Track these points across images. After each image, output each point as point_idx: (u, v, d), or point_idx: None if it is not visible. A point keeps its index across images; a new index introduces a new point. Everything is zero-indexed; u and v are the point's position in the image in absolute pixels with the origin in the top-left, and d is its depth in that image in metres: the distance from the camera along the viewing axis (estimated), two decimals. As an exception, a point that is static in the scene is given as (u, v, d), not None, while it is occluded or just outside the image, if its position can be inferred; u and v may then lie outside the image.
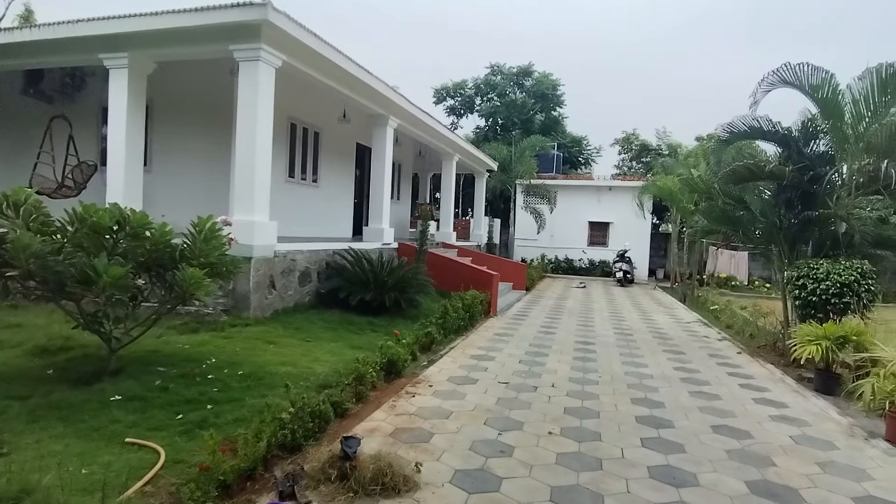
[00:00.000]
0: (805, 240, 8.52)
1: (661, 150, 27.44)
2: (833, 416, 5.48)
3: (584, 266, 23.11)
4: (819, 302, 7.14)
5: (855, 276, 6.99)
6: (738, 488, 3.78)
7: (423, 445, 4.18)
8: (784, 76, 8.08)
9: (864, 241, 7.83)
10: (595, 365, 7.15)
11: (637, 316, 12.13)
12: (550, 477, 3.77)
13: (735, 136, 9.08)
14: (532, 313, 11.60)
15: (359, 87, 9.88)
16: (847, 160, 7.93)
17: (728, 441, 4.64)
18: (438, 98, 33.63)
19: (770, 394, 6.21)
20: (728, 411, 5.47)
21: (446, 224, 16.97)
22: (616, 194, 22.75)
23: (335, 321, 8.20)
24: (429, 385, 5.79)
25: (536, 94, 31.20)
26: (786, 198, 8.63)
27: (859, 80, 7.65)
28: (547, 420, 4.92)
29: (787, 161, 8.54)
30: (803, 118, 8.71)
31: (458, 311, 8.79)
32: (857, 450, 4.63)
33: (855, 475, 4.09)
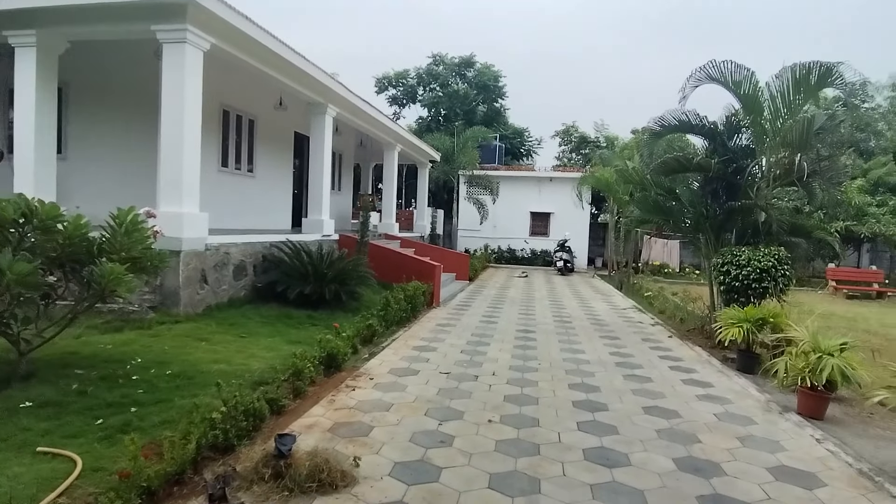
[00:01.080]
0: (729, 228, 9.00)
1: (599, 143, 28.28)
2: (752, 394, 5.85)
3: (526, 256, 23.56)
4: (741, 287, 7.58)
5: (772, 262, 7.46)
6: (667, 465, 3.95)
7: (363, 439, 4.12)
8: (710, 73, 8.47)
9: (781, 229, 8.36)
10: (535, 353, 7.29)
11: (576, 304, 12.49)
12: (489, 464, 3.80)
13: (666, 130, 9.47)
14: (475, 303, 11.71)
15: (295, 74, 9.56)
16: (766, 153, 8.43)
17: (658, 421, 4.85)
18: (380, 87, 33.22)
19: (697, 374, 6.55)
20: (659, 393, 5.72)
21: (389, 215, 16.82)
22: (556, 185, 23.30)
23: (272, 316, 7.95)
24: (369, 378, 5.72)
25: (479, 86, 31.39)
26: (712, 189, 9.08)
27: (776, 79, 8.13)
28: (487, 408, 4.96)
29: (713, 154, 9.00)
30: (727, 113, 9.18)
31: (401, 303, 8.74)
32: (773, 424, 4.95)
33: (770, 447, 4.38)
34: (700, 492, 3.57)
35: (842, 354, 5.09)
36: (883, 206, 19.78)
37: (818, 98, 16.02)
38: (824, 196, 9.11)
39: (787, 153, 8.17)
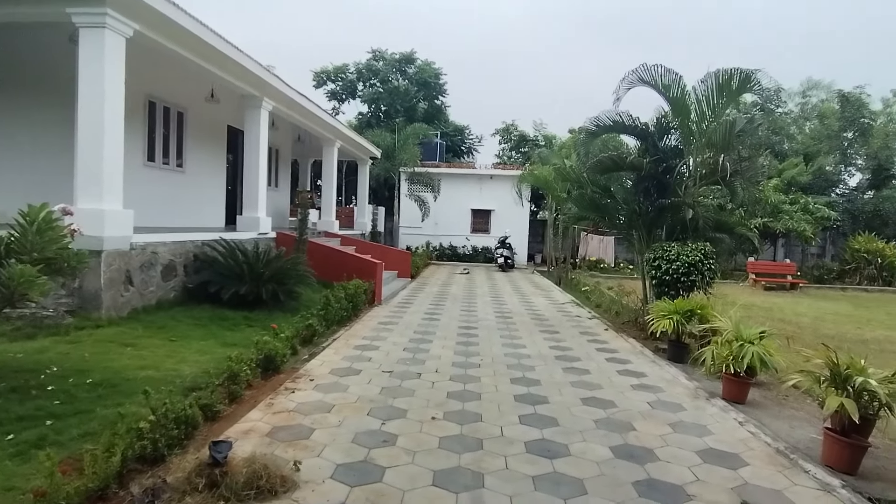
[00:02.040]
0: (660, 225, 9.43)
1: (538, 141, 28.92)
2: (682, 382, 6.16)
3: (467, 253, 23.77)
4: (671, 280, 7.96)
5: (699, 256, 7.89)
6: (604, 454, 4.09)
7: (303, 442, 4.01)
8: (642, 76, 8.82)
9: (707, 225, 8.85)
10: (477, 348, 7.35)
11: (517, 299, 12.72)
12: (433, 461, 3.79)
13: (601, 130, 9.80)
14: (417, 300, 11.68)
15: (228, 65, 9.15)
16: (693, 154, 8.88)
17: (596, 411, 5.01)
18: (319, 82, 32.48)
19: (632, 365, 6.82)
20: (596, 384, 5.91)
21: (328, 212, 16.48)
22: (497, 183, 23.63)
23: (205, 318, 7.59)
24: (310, 379, 5.57)
25: (419, 82, 31.31)
26: (644, 187, 9.48)
27: (702, 83, 8.58)
28: (430, 406, 4.95)
29: (644, 153, 9.40)
30: (658, 115, 9.61)
31: (341, 302, 8.58)
32: (701, 409, 5.24)
33: (698, 432, 4.62)
34: (635, 477, 3.72)
35: (760, 342, 5.45)
36: (795, 203, 21.37)
37: (739, 102, 17.08)
38: (745, 194, 9.71)
39: (711, 154, 8.64)
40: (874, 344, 8.78)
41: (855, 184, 25.95)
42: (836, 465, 3.95)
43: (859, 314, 12.76)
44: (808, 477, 3.84)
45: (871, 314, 12.83)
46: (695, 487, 3.62)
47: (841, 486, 3.68)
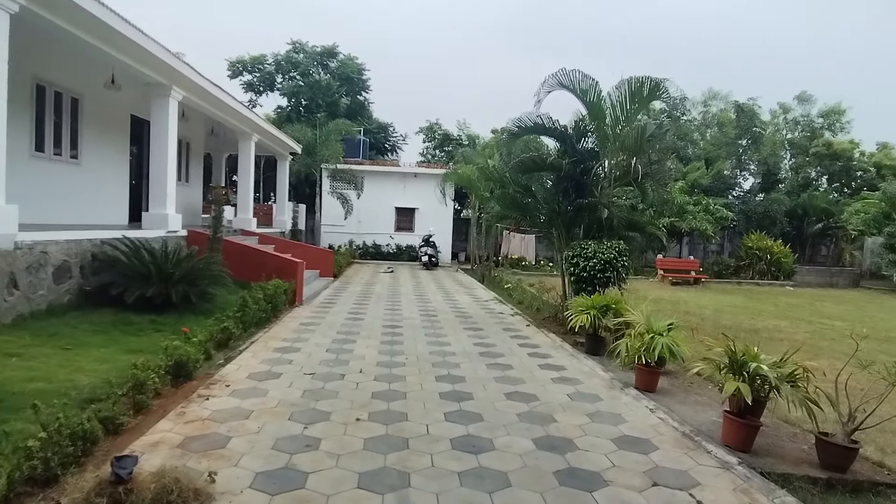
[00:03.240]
0: (578, 224, 9.82)
1: (462, 141, 29.27)
2: (599, 373, 6.45)
3: (391, 251, 23.61)
4: (588, 277, 8.32)
5: (614, 254, 8.30)
6: (527, 446, 4.19)
7: (219, 452, 3.79)
8: (561, 80, 9.14)
9: (621, 224, 9.34)
10: (402, 347, 7.31)
11: (441, 297, 12.80)
12: (358, 464, 3.71)
13: (523, 131, 10.05)
14: (340, 300, 11.43)
15: (129, 49, 8.45)
16: (608, 156, 9.33)
17: (519, 405, 5.13)
18: (234, 72, 30.96)
19: (552, 359, 7.06)
20: (519, 379, 6.05)
21: (245, 209, 15.74)
22: (421, 181, 23.65)
23: (106, 323, 6.99)
24: (226, 385, 5.28)
25: (342, 77, 30.68)
26: (563, 187, 9.84)
27: (616, 89, 9.02)
28: (355, 407, 4.85)
29: (564, 155, 9.75)
30: (576, 118, 10.00)
31: (260, 303, 8.21)
32: (616, 399, 5.51)
33: (614, 420, 4.86)
34: (557, 467, 3.84)
35: (669, 334, 5.81)
36: (697, 204, 23.10)
37: (649, 109, 18.16)
38: (654, 195, 10.34)
39: (625, 156, 9.13)
40: (765, 332, 9.67)
41: (748, 187, 28.49)
42: (733, 445, 4.29)
43: (752, 306, 14.01)
44: (710, 457, 4.14)
45: (761, 306, 14.12)
46: (611, 473, 3.80)
47: (738, 464, 4.00)
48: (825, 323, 11.39)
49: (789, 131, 27.98)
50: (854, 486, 3.81)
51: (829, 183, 27.58)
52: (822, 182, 27.68)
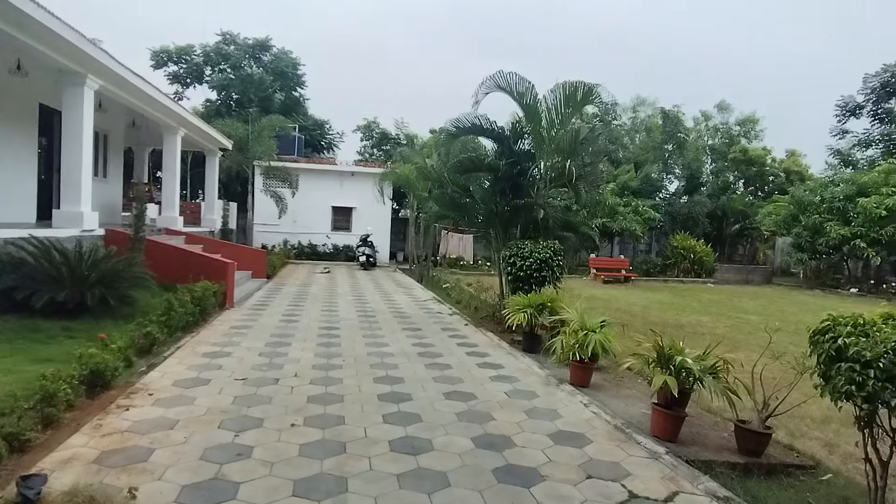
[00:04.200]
0: (515, 224, 9.99)
1: (400, 140, 29.09)
2: (536, 371, 6.58)
3: (328, 251, 23.11)
4: (525, 276, 8.47)
5: (549, 253, 8.49)
6: (466, 445, 4.20)
7: (141, 466, 3.54)
8: (499, 82, 9.26)
9: (556, 225, 9.59)
10: (339, 349, 7.15)
11: (379, 298, 12.65)
12: (293, 471, 3.58)
13: (461, 132, 10.12)
14: (274, 302, 11.05)
15: (37, 32, 7.75)
16: (544, 158, 9.55)
17: (457, 405, 5.14)
18: (158, 62, 29.26)
19: (490, 358, 7.13)
20: (457, 378, 6.07)
21: (170, 207, 14.88)
22: (358, 180, 23.30)
23: (10, 330, 6.40)
24: (148, 394, 4.95)
25: (276, 72, 29.69)
26: (501, 188, 9.98)
27: (551, 93, 9.25)
28: (289, 412, 4.69)
29: (501, 156, 9.89)
30: (513, 120, 10.19)
31: (187, 306, 7.78)
32: (552, 395, 5.64)
33: (550, 416, 4.97)
34: (495, 465, 3.88)
35: (601, 331, 6.02)
36: (627, 206, 24.14)
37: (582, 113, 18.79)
38: (587, 197, 10.70)
39: (559, 159, 9.37)
40: (689, 327, 10.23)
41: (673, 189, 30.08)
42: (661, 435, 4.48)
43: (677, 302, 14.80)
44: (641, 448, 4.31)
45: (686, 302, 14.94)
46: (548, 468, 3.87)
47: (665, 453, 4.18)
48: (742, 317, 12.19)
49: (710, 138, 29.79)
50: (768, 469, 4.08)
51: (745, 186, 29.57)
52: (740, 186, 29.63)
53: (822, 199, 20.72)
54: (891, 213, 18.46)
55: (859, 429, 3.13)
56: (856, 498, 3.61)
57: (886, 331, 2.88)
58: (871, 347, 2.84)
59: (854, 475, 3.96)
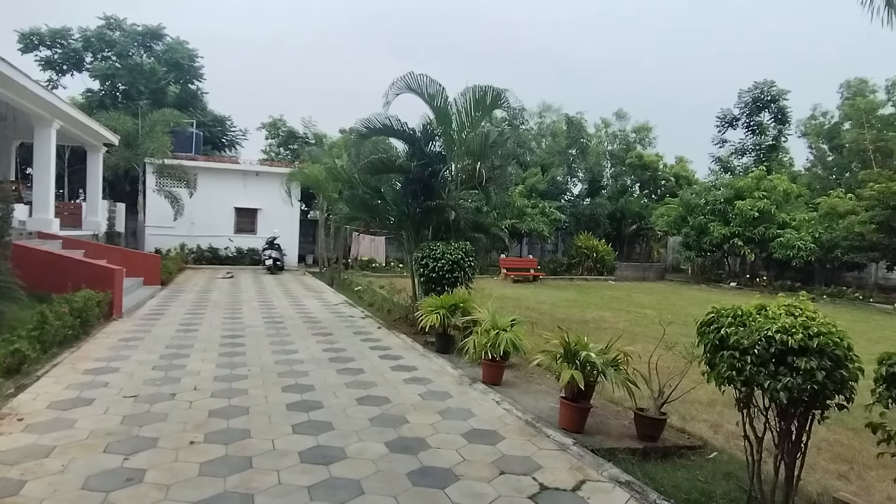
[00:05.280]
0: (427, 225, 10.01)
1: (308, 139, 28.23)
2: (449, 371, 6.62)
3: (231, 255, 21.84)
4: (437, 277, 8.51)
5: (461, 254, 8.59)
6: (380, 450, 4.12)
7: (9, 500, 3.11)
8: (409, 83, 9.24)
9: (467, 226, 9.72)
10: (244, 359, 6.76)
11: (287, 303, 12.16)
12: (193, 492, 3.32)
13: (372, 132, 9.97)
14: (170, 310, 10.25)
15: None
16: (454, 160, 9.65)
17: (371, 410, 5.04)
18: (27, 45, 26.15)
19: (403, 360, 7.08)
20: (370, 382, 5.96)
21: (43, 208, 13.28)
22: (264, 180, 22.23)
23: None
24: (17, 419, 4.37)
25: (170, 63, 27.62)
26: (412, 189, 9.95)
27: (462, 96, 9.37)
28: (188, 429, 4.35)
29: (412, 157, 9.87)
30: (424, 122, 10.19)
31: (65, 318, 6.98)
32: (465, 394, 5.69)
33: (463, 416, 5.01)
34: (410, 468, 3.83)
35: (512, 329, 6.17)
36: (535, 207, 25.11)
37: (492, 117, 19.27)
38: (497, 198, 10.98)
39: (470, 161, 9.51)
40: (593, 323, 10.80)
41: (577, 192, 31.74)
42: (569, 427, 4.67)
43: (582, 299, 15.60)
44: (550, 441, 4.46)
45: (589, 299, 15.79)
46: (462, 468, 3.89)
47: (573, 444, 4.36)
48: (640, 312, 13.09)
49: (610, 143, 31.78)
50: (664, 451, 4.38)
51: (641, 190, 31.83)
52: (636, 189, 31.84)
53: (706, 202, 22.81)
54: (762, 214, 20.71)
55: (739, 409, 3.44)
56: (737, 471, 3.97)
57: (760, 320, 3.18)
58: (747, 336, 3.13)
59: (735, 451, 4.35)
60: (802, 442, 3.24)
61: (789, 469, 3.25)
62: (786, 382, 2.96)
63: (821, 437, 4.61)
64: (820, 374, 2.90)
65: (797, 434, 3.23)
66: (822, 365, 2.93)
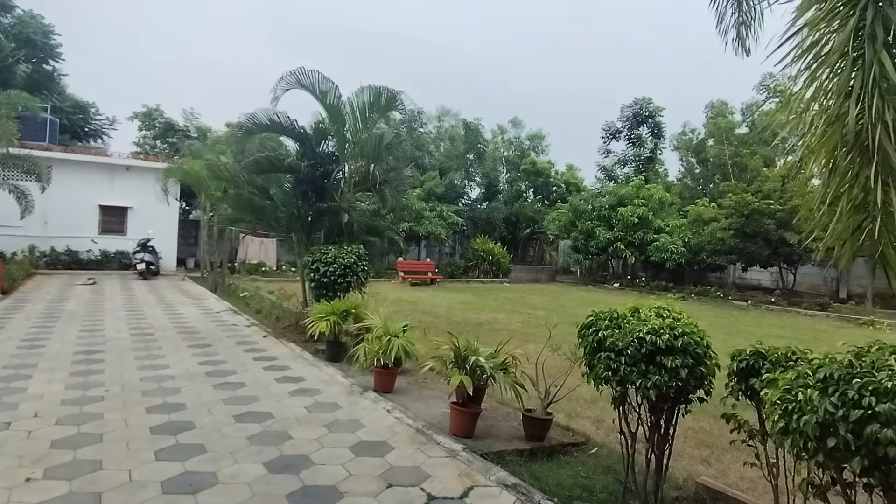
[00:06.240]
0: (319, 228, 9.64)
1: (190, 132, 26.12)
2: (339, 380, 6.34)
3: (95, 258, 19.51)
4: (329, 282, 8.17)
5: (354, 258, 8.33)
6: (257, 472, 3.80)
7: None
8: (300, 79, 8.83)
9: (361, 229, 9.47)
10: (101, 377, 5.97)
11: (161, 312, 11.06)
12: (20, 543, 2.80)
13: (258, 128, 9.40)
14: (10, 324, 8.85)
15: None
16: (348, 161, 9.37)
17: (250, 427, 4.66)
18: None
19: (291, 371, 6.69)
20: (252, 397, 5.53)
21: None
22: (136, 175, 20.09)
23: None
24: None
25: (20, 38, 24.16)
26: (303, 190, 9.53)
27: (357, 96, 9.12)
28: (24, 464, 3.73)
29: (303, 157, 9.45)
30: (317, 120, 9.80)
31: None
32: (355, 404, 5.47)
33: (352, 427, 4.79)
34: (290, 489, 3.57)
35: (404, 335, 6.05)
36: (433, 211, 25.27)
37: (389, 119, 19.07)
38: (393, 201, 10.81)
39: (364, 162, 9.28)
40: (487, 325, 11.00)
41: (475, 196, 32.46)
42: (459, 433, 4.63)
43: (478, 302, 15.89)
44: (440, 448, 4.39)
45: (485, 301, 16.13)
46: (347, 483, 3.70)
47: (462, 450, 4.32)
48: (532, 313, 13.57)
49: (506, 149, 32.86)
50: (550, 450, 4.49)
51: (534, 195, 33.21)
52: (530, 194, 33.18)
53: (593, 208, 24.32)
54: (641, 220, 22.48)
55: (614, 408, 3.59)
56: (616, 465, 4.15)
57: (633, 322, 3.33)
58: (622, 338, 3.26)
59: (615, 445, 4.55)
60: (670, 434, 3.44)
61: (659, 460, 3.45)
62: (655, 380, 3.11)
63: (687, 426, 4.97)
64: (683, 372, 3.09)
65: (665, 427, 3.43)
66: (686, 363, 3.12)
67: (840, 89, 2.91)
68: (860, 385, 2.05)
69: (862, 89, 2.71)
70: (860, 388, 2.04)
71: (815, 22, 2.93)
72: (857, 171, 2.97)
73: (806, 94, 3.10)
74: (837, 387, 2.13)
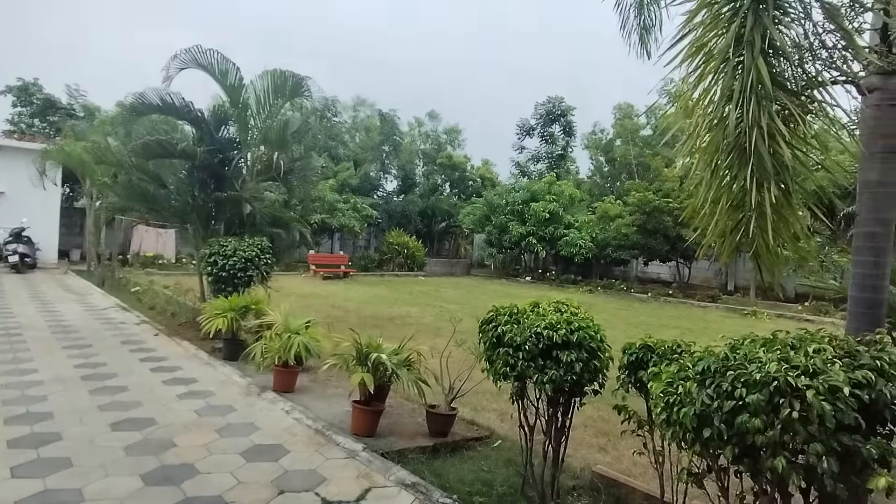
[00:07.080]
0: (219, 219, 9.05)
1: (75, 111, 23.64)
2: (236, 380, 5.96)
3: (-48, 249, 17.20)
4: (228, 277, 7.67)
5: (256, 251, 7.88)
6: (132, 486, 3.46)
7: None
8: (197, 58, 8.23)
9: (264, 221, 8.98)
10: (-54, 386, 5.22)
11: (34, 310, 9.88)
12: None
13: (147, 109, 8.64)
14: None
15: None
16: (251, 148, 8.85)
17: (129, 436, 4.24)
18: None
19: (182, 372, 6.20)
20: (133, 402, 5.05)
21: None
22: (9, 157, 17.80)
23: None
24: None
25: None
26: (200, 178, 8.89)
27: (260, 80, 8.63)
28: None
29: (200, 142, 8.80)
30: (216, 103, 9.17)
31: None
32: (251, 406, 5.15)
33: (246, 431, 4.50)
34: (169, 503, 3.25)
35: (307, 331, 5.78)
36: (347, 203, 24.66)
37: (301, 107, 18.30)
38: (300, 191, 10.36)
39: (268, 150, 8.81)
40: (399, 319, 10.86)
41: (390, 188, 32.12)
42: (361, 432, 4.49)
43: (391, 295, 15.69)
44: (339, 449, 4.22)
45: (399, 295, 15.97)
46: (235, 492, 3.46)
47: (362, 450, 4.17)
48: (445, 307, 13.58)
49: (422, 142, 32.73)
50: (454, 446, 4.45)
51: (450, 189, 33.38)
52: (446, 188, 33.33)
53: (507, 203, 24.83)
54: (552, 215, 23.26)
55: (513, 402, 3.60)
56: (517, 458, 4.17)
57: (532, 317, 3.35)
58: (520, 333, 3.26)
59: (518, 438, 4.61)
60: (566, 426, 3.51)
61: (555, 451, 3.50)
62: (551, 375, 3.14)
63: (587, 416, 5.13)
64: (578, 366, 3.14)
65: (562, 420, 3.48)
66: (580, 357, 3.17)
67: (722, 93, 3.07)
68: (733, 377, 2.14)
69: (741, 93, 2.86)
70: (733, 380, 2.13)
71: (704, 24, 3.06)
72: (735, 173, 3.15)
73: (693, 95, 3.25)
74: (714, 379, 2.21)
